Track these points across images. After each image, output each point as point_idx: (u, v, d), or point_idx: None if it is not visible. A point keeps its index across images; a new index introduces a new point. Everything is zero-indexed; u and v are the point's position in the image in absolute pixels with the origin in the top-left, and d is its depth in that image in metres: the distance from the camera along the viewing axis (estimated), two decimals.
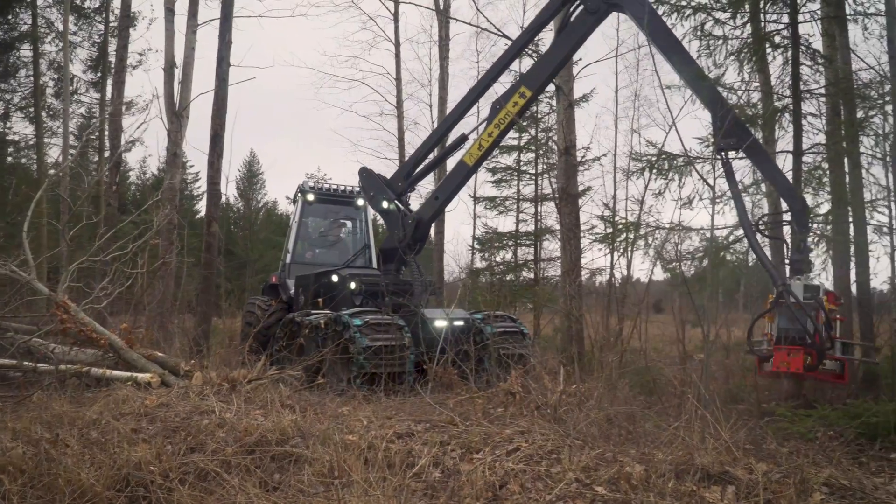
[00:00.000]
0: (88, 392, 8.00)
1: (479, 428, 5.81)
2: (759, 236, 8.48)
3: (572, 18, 9.08)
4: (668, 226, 10.62)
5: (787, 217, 8.28)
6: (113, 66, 20.61)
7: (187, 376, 8.30)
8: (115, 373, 8.49)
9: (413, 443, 5.51)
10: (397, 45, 20.75)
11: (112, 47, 23.88)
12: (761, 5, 9.92)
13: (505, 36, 14.02)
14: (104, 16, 26.88)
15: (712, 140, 8.84)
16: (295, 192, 13.06)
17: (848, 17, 10.17)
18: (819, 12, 10.13)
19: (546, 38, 13.40)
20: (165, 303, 14.40)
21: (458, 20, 19.38)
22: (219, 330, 14.98)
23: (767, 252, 9.28)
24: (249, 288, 24.10)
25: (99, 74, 27.26)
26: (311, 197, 12.77)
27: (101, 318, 10.49)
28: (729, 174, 8.08)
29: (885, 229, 10.38)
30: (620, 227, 11.80)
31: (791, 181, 9.21)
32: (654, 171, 10.47)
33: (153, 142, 38.64)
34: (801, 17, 9.66)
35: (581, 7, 8.92)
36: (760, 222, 9.09)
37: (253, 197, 47.54)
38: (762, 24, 10.18)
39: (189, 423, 6.10)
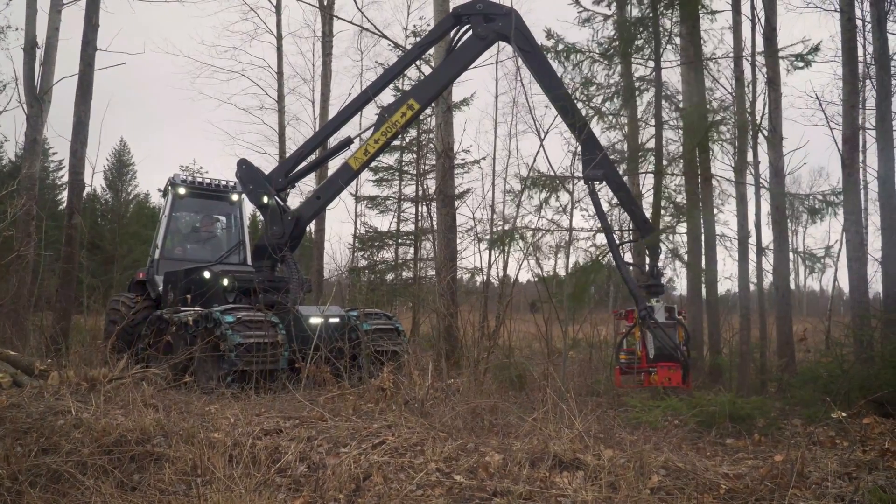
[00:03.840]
0: None
1: (347, 423, 5.91)
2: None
3: (462, 40, 9.41)
4: (543, 228, 11.26)
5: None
6: None
7: (42, 376, 7.87)
8: None
9: (280, 439, 5.53)
10: (279, 38, 20.38)
11: None
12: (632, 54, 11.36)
13: (386, 37, 14.15)
14: None
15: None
16: (165, 184, 12.58)
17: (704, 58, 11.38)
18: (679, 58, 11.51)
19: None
20: (21, 299, 13.47)
21: (340, 18, 19.21)
22: (80, 328, 14.20)
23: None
24: (117, 284, 22.89)
25: None
26: (182, 190, 12.34)
27: None
28: (597, 203, 8.76)
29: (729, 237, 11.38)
30: (497, 233, 12.33)
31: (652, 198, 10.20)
32: (530, 185, 11.14)
33: (11, 126, 35.82)
34: (664, 63, 11.12)
35: (470, 31, 9.26)
36: (623, 246, 9.99)
37: (122, 189, 45.11)
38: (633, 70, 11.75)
39: (42, 424, 5.82)
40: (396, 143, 22.99)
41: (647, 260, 9.45)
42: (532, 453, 4.97)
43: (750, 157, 11.50)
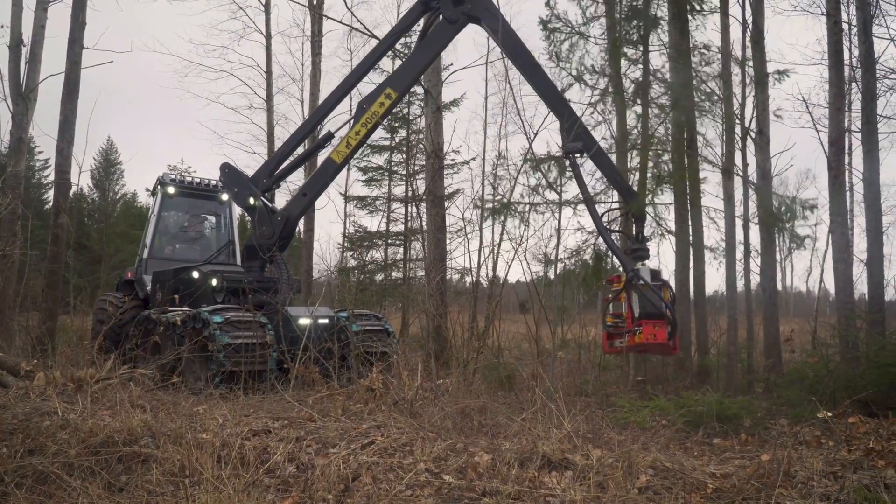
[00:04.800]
0: None
1: (336, 424, 5.89)
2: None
3: (433, 26, 9.46)
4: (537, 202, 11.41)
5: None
6: None
7: (28, 377, 7.79)
8: None
9: (269, 440, 5.51)
10: (268, 37, 20.31)
11: None
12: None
13: (375, 37, 14.12)
14: None
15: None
16: (154, 184, 12.52)
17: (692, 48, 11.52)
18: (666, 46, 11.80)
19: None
20: (6, 299, 13.35)
21: (330, 18, 19.15)
22: (67, 328, 14.09)
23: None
24: (104, 284, 22.76)
25: None
26: (171, 190, 12.28)
27: None
28: (577, 174, 8.79)
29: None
30: (491, 206, 12.45)
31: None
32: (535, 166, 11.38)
33: None
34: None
35: (440, 16, 9.31)
36: (606, 214, 10.09)
37: (110, 188, 44.79)
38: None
39: (28, 425, 5.77)
40: (386, 143, 22.99)
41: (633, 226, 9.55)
42: (521, 453, 4.98)
43: (738, 158, 11.61)
